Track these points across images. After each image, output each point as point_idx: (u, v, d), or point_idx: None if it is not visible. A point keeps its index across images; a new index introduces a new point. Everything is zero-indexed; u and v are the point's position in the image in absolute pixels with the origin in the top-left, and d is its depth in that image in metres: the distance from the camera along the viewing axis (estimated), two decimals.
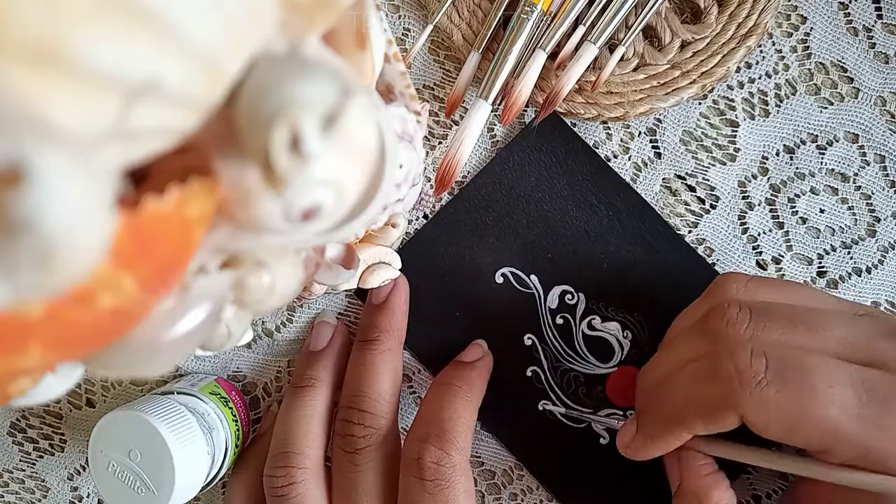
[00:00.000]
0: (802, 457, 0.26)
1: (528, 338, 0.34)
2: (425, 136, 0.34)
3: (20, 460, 0.37)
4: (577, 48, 0.31)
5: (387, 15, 0.34)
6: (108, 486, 0.29)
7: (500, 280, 0.34)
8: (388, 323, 0.32)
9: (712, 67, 0.31)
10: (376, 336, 0.32)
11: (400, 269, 0.31)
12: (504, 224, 0.34)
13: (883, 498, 0.24)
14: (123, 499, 0.29)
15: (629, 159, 0.33)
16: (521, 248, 0.34)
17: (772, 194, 0.33)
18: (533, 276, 0.34)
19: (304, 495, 0.29)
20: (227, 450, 0.32)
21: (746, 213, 0.33)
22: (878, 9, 0.32)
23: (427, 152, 0.34)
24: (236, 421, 0.33)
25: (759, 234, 0.33)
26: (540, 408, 0.34)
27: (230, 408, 0.33)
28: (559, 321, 0.34)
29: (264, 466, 0.31)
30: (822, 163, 0.32)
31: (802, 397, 0.23)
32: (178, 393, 0.32)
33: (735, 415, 0.24)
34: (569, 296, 0.34)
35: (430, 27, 0.32)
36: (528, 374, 0.34)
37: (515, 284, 0.34)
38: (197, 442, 0.30)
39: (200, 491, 0.31)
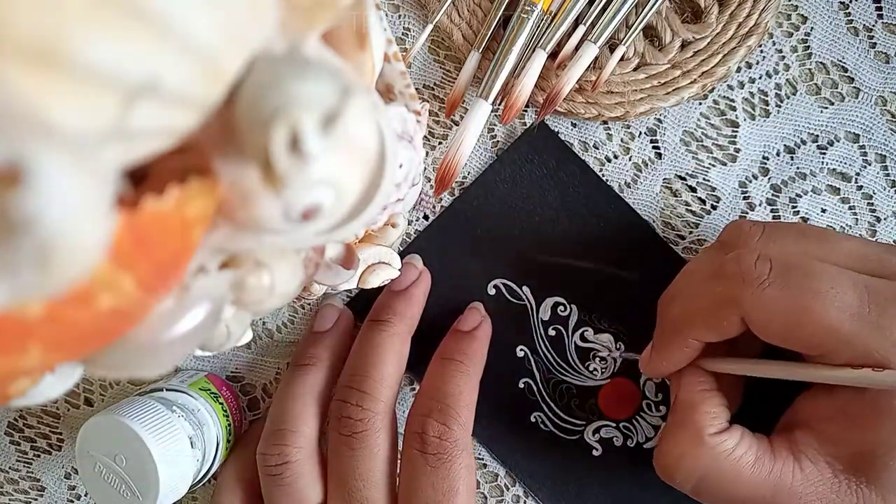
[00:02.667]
0: (805, 363, 0.26)
1: (521, 349, 0.34)
2: (425, 136, 0.34)
3: (17, 460, 0.37)
4: (577, 48, 0.31)
5: (387, 15, 0.34)
6: (95, 487, 0.29)
7: (492, 291, 0.34)
8: (404, 308, 0.32)
9: (713, 67, 0.31)
10: (388, 318, 0.31)
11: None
12: (496, 235, 0.34)
13: (881, 396, 0.24)
14: (110, 501, 0.29)
15: (630, 160, 0.33)
16: (513, 260, 0.34)
17: (773, 194, 0.33)
18: (525, 288, 0.34)
19: (297, 475, 0.29)
20: (218, 445, 0.32)
21: (748, 213, 0.33)
22: (879, 9, 0.32)
23: (427, 152, 0.34)
24: (227, 416, 0.33)
25: None
26: (532, 419, 0.34)
27: (221, 403, 0.33)
28: (552, 333, 0.34)
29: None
30: (822, 163, 0.32)
31: (804, 297, 0.23)
32: (167, 390, 0.32)
33: (737, 314, 0.25)
34: (561, 307, 0.34)
35: (430, 27, 0.32)
36: (521, 385, 0.34)
37: (508, 296, 0.34)
38: (181, 444, 0.30)
39: (190, 489, 0.31)
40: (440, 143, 0.34)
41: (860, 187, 0.32)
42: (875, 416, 0.24)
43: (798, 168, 0.33)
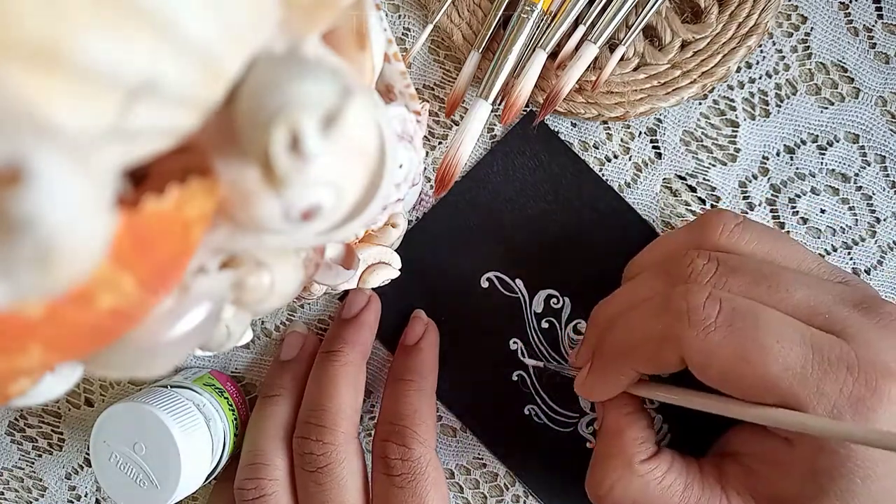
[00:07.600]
0: (727, 397, 0.25)
1: (514, 342, 0.34)
2: (425, 136, 0.34)
3: (19, 458, 0.37)
4: (577, 48, 0.31)
5: (387, 15, 0.34)
6: (109, 478, 0.29)
7: (485, 284, 0.34)
8: (355, 336, 0.32)
9: (713, 67, 0.31)
10: (340, 348, 0.32)
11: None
12: (488, 228, 0.34)
13: (813, 453, 0.23)
14: (125, 491, 0.29)
15: (629, 159, 0.33)
16: (505, 253, 0.34)
17: (772, 194, 0.33)
18: (518, 281, 0.34)
19: None
20: (225, 440, 0.32)
21: (747, 213, 0.33)
22: (879, 9, 0.32)
23: (427, 152, 0.34)
24: (233, 410, 0.33)
25: None
26: (525, 412, 0.34)
27: (226, 398, 0.33)
28: (545, 325, 0.34)
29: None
30: (822, 163, 0.32)
31: (747, 348, 0.23)
32: (171, 387, 0.32)
33: (677, 354, 0.24)
34: (554, 300, 0.34)
35: (430, 27, 0.32)
36: (514, 378, 0.34)
37: (501, 289, 0.34)
38: (201, 434, 0.30)
39: (204, 482, 0.31)
40: (440, 143, 0.34)
41: (860, 188, 0.32)
42: (801, 469, 0.24)
43: (798, 168, 0.33)
